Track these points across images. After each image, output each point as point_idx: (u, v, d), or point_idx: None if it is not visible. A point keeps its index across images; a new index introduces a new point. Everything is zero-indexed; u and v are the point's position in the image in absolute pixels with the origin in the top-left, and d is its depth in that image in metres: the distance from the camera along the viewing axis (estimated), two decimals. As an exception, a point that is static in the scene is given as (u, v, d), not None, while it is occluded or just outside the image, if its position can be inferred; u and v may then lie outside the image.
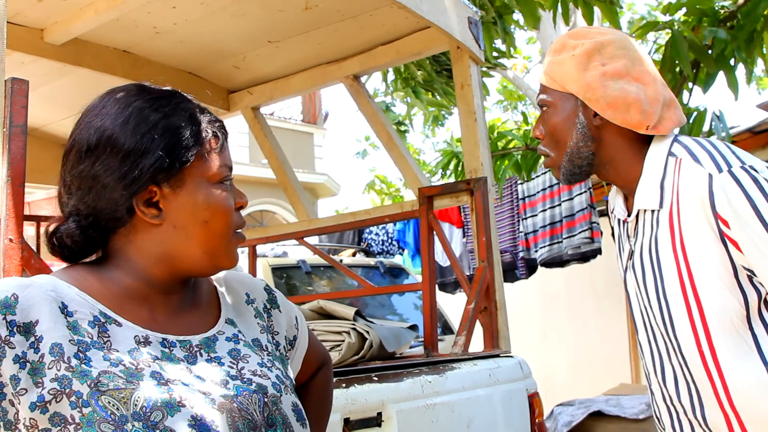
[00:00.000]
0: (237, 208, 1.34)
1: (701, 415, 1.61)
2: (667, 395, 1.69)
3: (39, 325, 1.15)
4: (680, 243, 1.59)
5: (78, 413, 1.11)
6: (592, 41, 1.73)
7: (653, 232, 1.65)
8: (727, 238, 1.52)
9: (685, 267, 1.58)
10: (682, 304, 1.59)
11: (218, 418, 1.18)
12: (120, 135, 1.24)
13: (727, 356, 1.54)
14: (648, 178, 1.67)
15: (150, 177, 1.24)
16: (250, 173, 16.77)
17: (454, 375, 2.79)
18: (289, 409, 1.30)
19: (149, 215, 1.26)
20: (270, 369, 1.33)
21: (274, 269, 5.90)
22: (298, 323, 1.56)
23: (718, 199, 1.52)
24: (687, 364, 1.61)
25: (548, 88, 1.77)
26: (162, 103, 1.30)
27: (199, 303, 1.38)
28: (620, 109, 1.67)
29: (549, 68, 1.75)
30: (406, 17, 3.50)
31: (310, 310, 3.33)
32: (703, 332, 1.56)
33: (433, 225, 3.58)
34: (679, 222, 1.59)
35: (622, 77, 1.69)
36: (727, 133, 4.93)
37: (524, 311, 8.31)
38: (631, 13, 14.57)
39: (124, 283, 1.28)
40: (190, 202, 1.27)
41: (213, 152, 1.31)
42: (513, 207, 6.94)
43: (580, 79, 1.69)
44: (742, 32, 4.54)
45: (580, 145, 1.72)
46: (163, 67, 4.11)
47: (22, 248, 1.90)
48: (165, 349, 1.24)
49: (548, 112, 1.76)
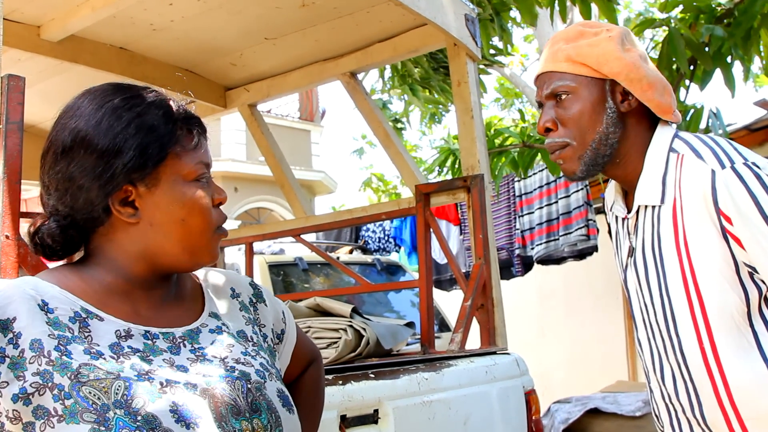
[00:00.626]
0: (216, 204, 1.34)
1: (700, 413, 1.60)
2: (665, 393, 1.69)
3: (17, 322, 1.16)
4: (683, 239, 1.58)
5: (60, 405, 1.12)
6: (617, 28, 1.70)
7: (654, 228, 1.64)
8: (729, 234, 1.52)
9: (688, 263, 1.57)
10: (684, 300, 1.58)
11: (200, 404, 1.19)
12: (93, 135, 1.26)
13: (727, 353, 1.54)
14: (649, 174, 1.65)
15: (124, 176, 1.25)
16: (247, 170, 16.77)
17: (450, 372, 2.79)
18: (274, 394, 1.30)
19: (125, 214, 1.27)
20: (254, 357, 1.34)
21: (271, 266, 5.91)
22: (285, 317, 1.57)
23: (721, 196, 1.52)
24: (686, 362, 1.61)
25: (568, 74, 1.68)
26: (136, 101, 1.31)
27: (183, 297, 1.39)
28: (659, 90, 1.66)
29: (574, 52, 1.67)
30: (403, 14, 3.50)
31: (306, 307, 3.33)
32: (704, 328, 1.56)
33: (430, 222, 3.58)
34: (682, 218, 1.58)
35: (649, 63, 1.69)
36: (724, 130, 4.93)
37: (521, 308, 8.31)
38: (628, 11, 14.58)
39: (106, 281, 1.29)
40: (166, 200, 1.28)
41: (188, 150, 1.31)
42: (510, 204, 6.94)
43: (622, 58, 1.64)
44: (739, 30, 4.54)
45: (610, 130, 1.66)
46: (159, 64, 4.11)
47: (18, 245, 1.90)
48: (148, 341, 1.25)
49: (569, 100, 1.68)
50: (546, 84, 1.72)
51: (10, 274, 1.87)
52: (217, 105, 4.61)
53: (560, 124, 1.70)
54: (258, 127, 4.69)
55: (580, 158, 1.69)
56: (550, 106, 1.71)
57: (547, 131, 1.72)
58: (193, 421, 1.16)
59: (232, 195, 16.76)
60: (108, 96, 1.31)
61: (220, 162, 16.20)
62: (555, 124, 1.70)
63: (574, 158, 1.70)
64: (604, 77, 1.66)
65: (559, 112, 1.69)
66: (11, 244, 1.89)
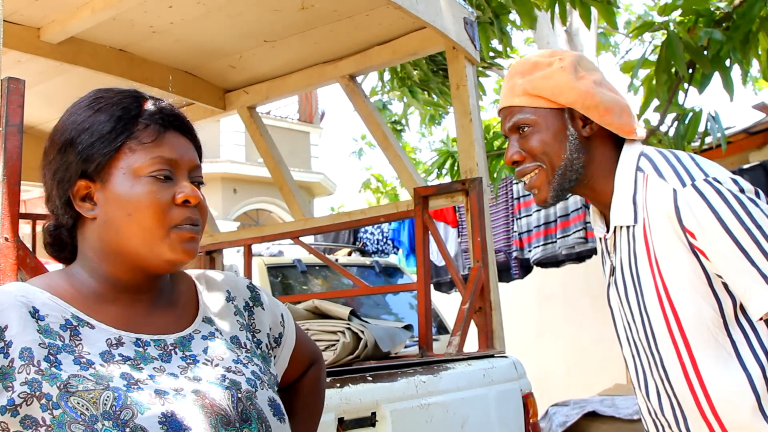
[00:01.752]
0: (180, 202, 1.28)
1: (685, 427, 1.62)
2: (651, 409, 1.71)
3: (8, 330, 1.16)
4: (654, 257, 1.61)
5: (49, 415, 1.12)
6: (569, 55, 1.75)
7: (631, 247, 1.67)
8: (696, 249, 1.54)
9: (660, 280, 1.60)
10: (661, 317, 1.61)
11: (190, 414, 1.18)
12: (56, 136, 1.32)
13: (707, 365, 1.56)
14: (620, 194, 1.69)
15: (75, 171, 1.28)
16: (246, 172, 16.77)
17: (448, 375, 2.80)
18: (265, 404, 1.29)
19: (85, 209, 1.29)
20: (246, 365, 1.33)
21: (270, 268, 5.91)
22: (284, 321, 1.55)
23: (684, 213, 1.54)
24: (668, 378, 1.62)
25: (527, 108, 1.73)
26: (101, 100, 1.32)
27: (176, 302, 1.38)
28: (616, 113, 1.70)
29: (530, 86, 1.72)
30: (402, 17, 3.51)
31: (305, 310, 3.33)
32: (682, 343, 1.58)
33: (429, 225, 3.58)
34: (651, 237, 1.61)
35: (604, 86, 1.73)
36: (723, 133, 4.95)
37: (519, 311, 8.32)
38: (628, 14, 14.58)
39: (92, 286, 1.29)
40: (114, 195, 1.27)
41: (145, 144, 1.28)
42: (508, 207, 6.96)
43: (576, 87, 1.69)
44: (738, 33, 4.55)
45: (573, 156, 1.71)
46: (159, 66, 4.11)
47: (17, 247, 1.90)
48: (139, 348, 1.25)
49: (531, 132, 1.72)
50: (508, 118, 1.77)
51: (9, 276, 1.87)
52: (216, 107, 4.61)
53: (527, 154, 1.75)
54: (257, 129, 4.69)
55: (549, 183, 1.74)
56: (514, 139, 1.76)
57: (514, 163, 1.77)
58: (182, 431, 1.16)
59: (230, 196, 16.77)
60: (82, 99, 1.34)
61: (218, 163, 16.20)
62: (522, 156, 1.75)
63: (545, 184, 1.74)
64: (562, 106, 1.71)
65: (523, 144, 1.74)
66: (10, 246, 1.90)
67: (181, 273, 1.46)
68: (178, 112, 1.37)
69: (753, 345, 1.55)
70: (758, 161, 5.96)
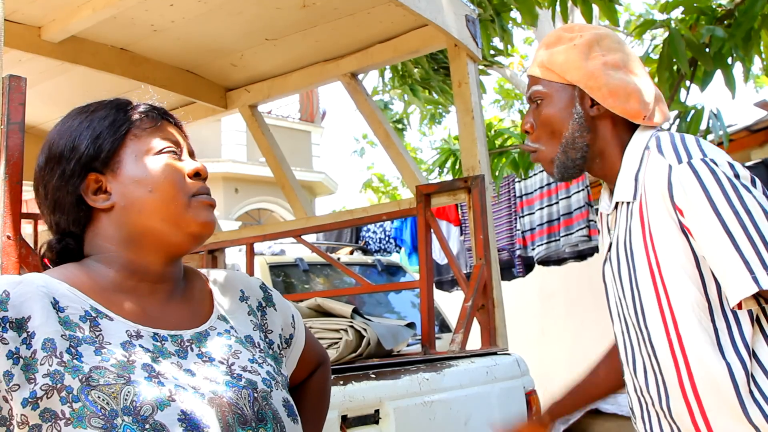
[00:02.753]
0: (191, 175, 1.34)
1: (666, 405, 1.62)
2: (637, 386, 1.71)
3: (31, 320, 1.16)
4: (649, 233, 1.61)
5: (68, 408, 1.12)
6: (590, 33, 1.75)
7: (627, 223, 1.68)
8: (685, 227, 1.54)
9: (654, 257, 1.60)
10: (652, 293, 1.61)
11: (208, 413, 1.18)
12: (54, 147, 1.34)
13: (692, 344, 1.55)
14: (625, 171, 1.70)
15: (84, 166, 1.31)
16: (248, 171, 16.78)
17: (451, 372, 2.79)
18: (279, 404, 1.30)
19: (100, 201, 1.31)
20: (261, 365, 1.34)
21: (272, 267, 5.91)
22: (294, 322, 1.56)
23: (676, 189, 1.54)
24: (656, 354, 1.62)
25: (542, 80, 1.77)
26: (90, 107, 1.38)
27: (191, 298, 1.39)
28: (621, 97, 1.70)
29: (546, 59, 1.75)
30: (404, 15, 3.50)
31: (307, 308, 3.33)
32: (671, 320, 1.58)
33: (431, 223, 3.58)
34: (647, 212, 1.61)
35: (620, 68, 1.72)
36: (725, 131, 4.93)
37: (522, 309, 8.31)
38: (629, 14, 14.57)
39: (110, 276, 1.30)
40: (130, 177, 1.31)
41: (146, 130, 1.35)
42: (510, 205, 6.94)
43: (583, 67, 1.70)
44: (740, 30, 4.53)
45: (576, 135, 1.72)
46: (160, 64, 4.11)
47: (19, 245, 1.90)
48: (157, 343, 1.25)
49: (542, 104, 1.76)
50: (528, 88, 1.81)
51: (12, 274, 1.87)
52: (217, 106, 4.61)
53: (535, 126, 1.79)
54: (259, 127, 4.69)
55: (552, 161, 1.77)
56: (530, 109, 1.81)
57: (526, 132, 1.82)
58: (200, 429, 1.16)
59: (232, 196, 16.77)
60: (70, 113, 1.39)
61: (220, 163, 16.21)
62: (531, 127, 1.80)
63: (547, 161, 1.78)
64: (571, 83, 1.73)
65: (535, 116, 1.79)
66: (12, 245, 1.89)
67: (195, 271, 1.47)
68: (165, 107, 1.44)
69: (734, 336, 1.53)
70: (760, 159, 5.95)
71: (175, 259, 1.37)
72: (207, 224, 1.33)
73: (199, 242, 1.36)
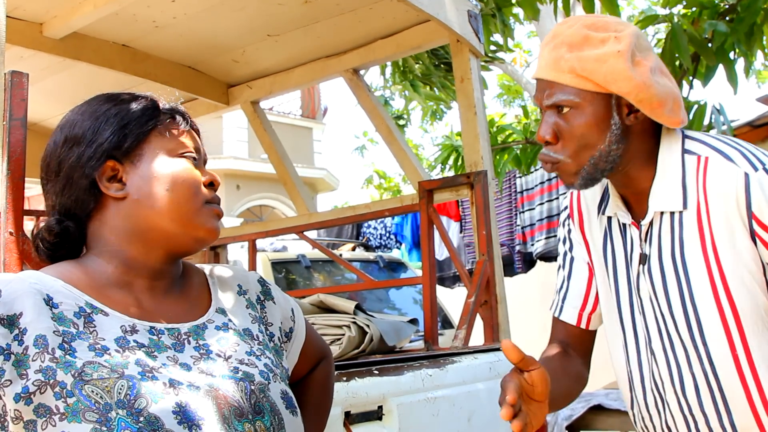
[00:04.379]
0: (206, 184, 1.37)
1: (729, 421, 1.56)
2: (685, 404, 1.62)
3: (23, 317, 1.17)
4: (711, 243, 1.53)
5: (62, 403, 1.12)
6: (627, 34, 1.56)
7: (676, 234, 1.58)
8: (758, 237, 1.49)
9: (717, 268, 1.53)
10: (714, 305, 1.54)
11: (203, 406, 1.19)
12: (77, 127, 1.34)
13: (760, 356, 1.51)
14: (665, 179, 1.58)
15: (105, 152, 1.31)
16: (249, 168, 16.78)
17: (454, 368, 2.79)
18: (277, 396, 1.30)
19: (113, 189, 1.31)
20: (258, 357, 1.34)
21: (274, 264, 5.91)
22: (294, 315, 1.56)
23: (755, 198, 1.48)
24: (715, 370, 1.56)
25: (571, 88, 1.56)
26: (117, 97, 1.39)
27: (189, 292, 1.40)
28: (668, 105, 1.55)
29: (579, 65, 1.54)
30: (406, 10, 3.49)
31: (310, 304, 3.33)
32: (737, 333, 1.52)
33: (433, 219, 3.57)
34: (709, 221, 1.53)
35: (663, 74, 1.59)
36: (729, 126, 4.92)
37: (524, 305, 8.30)
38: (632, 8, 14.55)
39: (107, 272, 1.30)
40: (150, 172, 1.32)
41: (172, 130, 1.37)
42: (511, 200, 6.94)
43: (632, 78, 1.51)
44: (742, 25, 4.52)
45: (612, 147, 1.57)
46: (162, 61, 4.10)
47: (22, 241, 1.90)
48: (153, 336, 1.26)
49: (572, 114, 1.56)
50: (547, 93, 1.60)
51: (14, 270, 1.87)
52: (219, 102, 4.60)
53: (560, 136, 1.59)
54: (261, 124, 4.68)
55: (577, 174, 1.60)
56: (550, 115, 1.60)
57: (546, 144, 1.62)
58: (196, 422, 1.16)
59: (234, 192, 16.78)
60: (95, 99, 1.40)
61: (222, 160, 16.21)
62: (555, 137, 1.60)
63: (570, 174, 1.61)
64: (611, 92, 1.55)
65: (561, 126, 1.59)
66: (15, 241, 1.89)
67: (193, 267, 1.48)
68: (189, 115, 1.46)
69: None
70: (763, 154, 5.93)
71: (176, 258, 1.38)
72: (212, 231, 1.35)
73: (201, 247, 1.38)
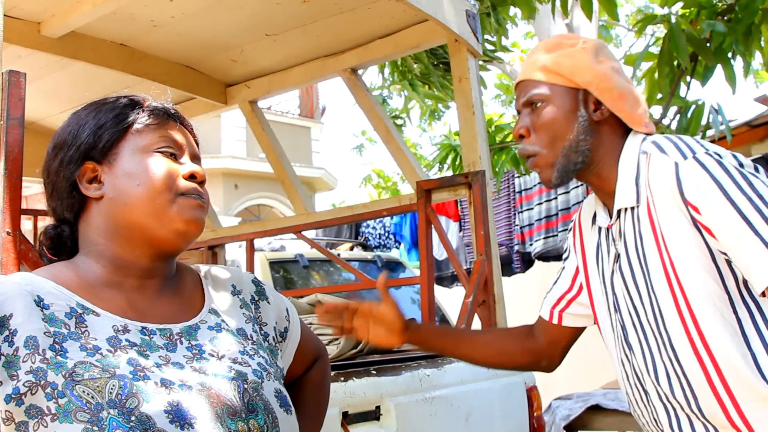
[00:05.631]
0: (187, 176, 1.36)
1: (696, 406, 1.60)
2: (662, 393, 1.68)
3: (13, 318, 1.17)
4: (660, 234, 1.60)
5: (54, 404, 1.12)
6: (592, 40, 1.77)
7: (636, 229, 1.67)
8: (699, 224, 1.53)
9: (668, 258, 1.59)
10: (669, 294, 1.59)
11: (196, 405, 1.18)
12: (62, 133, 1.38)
13: (715, 339, 1.54)
14: (623, 177, 1.69)
15: (82, 154, 1.34)
16: (247, 167, 16.79)
17: (452, 368, 2.79)
18: (271, 395, 1.30)
19: (92, 190, 1.33)
20: (252, 357, 1.34)
21: (272, 263, 5.90)
22: (289, 315, 1.56)
23: (686, 186, 1.53)
24: (677, 357, 1.60)
25: (543, 83, 1.74)
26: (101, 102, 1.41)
27: (182, 292, 1.40)
28: (629, 101, 1.71)
29: (549, 62, 1.73)
30: (404, 10, 3.49)
31: (307, 304, 3.32)
32: (690, 319, 1.56)
33: (432, 218, 3.57)
34: (656, 214, 1.60)
35: (623, 75, 1.74)
36: (727, 126, 4.93)
37: (522, 305, 8.28)
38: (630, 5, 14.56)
39: (97, 272, 1.31)
40: (123, 170, 1.33)
41: (149, 126, 1.37)
42: (509, 200, 6.94)
43: (594, 68, 1.70)
44: (740, 25, 4.52)
45: (580, 138, 1.71)
46: (160, 60, 4.10)
47: (19, 241, 1.90)
48: (145, 337, 1.25)
49: (542, 108, 1.73)
50: (523, 93, 1.78)
51: (11, 270, 1.87)
52: (217, 101, 4.60)
53: (533, 130, 1.75)
54: (259, 123, 4.68)
55: (552, 165, 1.73)
56: (525, 113, 1.77)
57: (521, 138, 1.78)
58: (187, 421, 1.16)
59: (232, 192, 16.78)
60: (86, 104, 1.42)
61: (220, 159, 16.22)
62: (528, 131, 1.75)
63: (547, 166, 1.74)
64: (578, 87, 1.72)
65: (533, 120, 1.75)
66: (12, 240, 1.89)
67: (187, 267, 1.48)
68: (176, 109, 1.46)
69: (758, 325, 1.53)
70: (760, 154, 5.94)
71: (165, 256, 1.37)
72: (190, 221, 1.33)
73: (186, 240, 1.35)
